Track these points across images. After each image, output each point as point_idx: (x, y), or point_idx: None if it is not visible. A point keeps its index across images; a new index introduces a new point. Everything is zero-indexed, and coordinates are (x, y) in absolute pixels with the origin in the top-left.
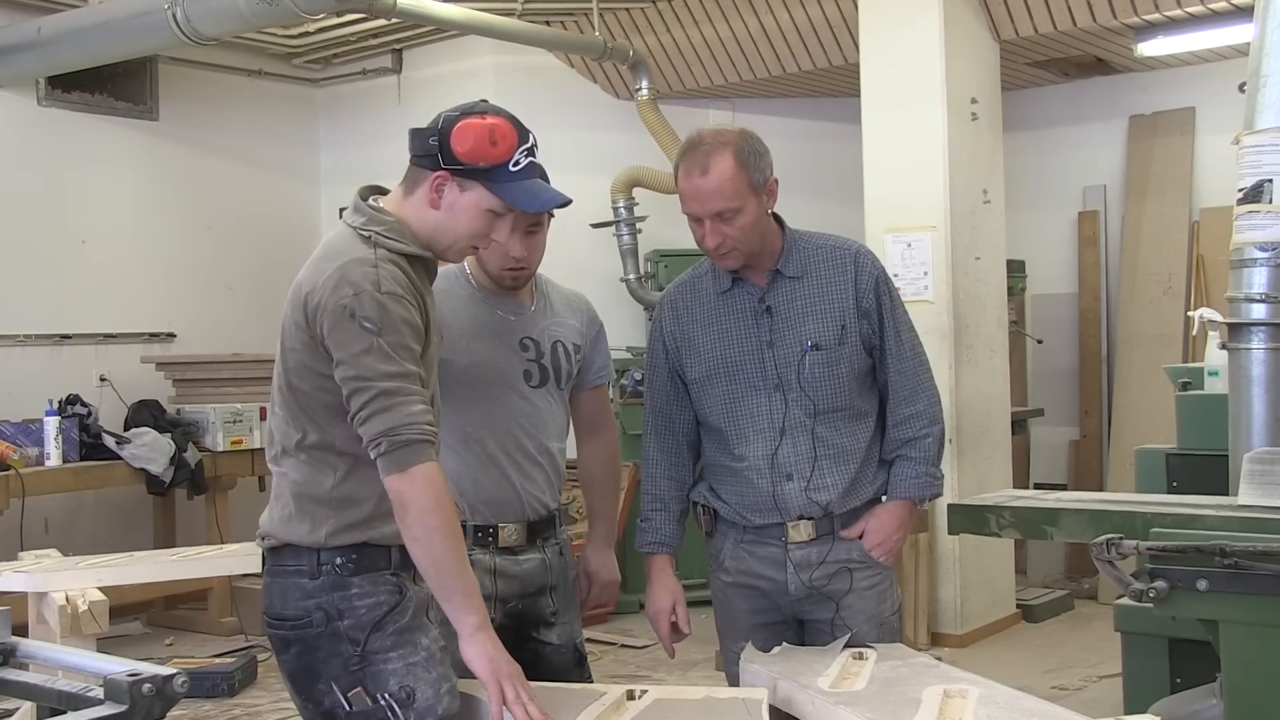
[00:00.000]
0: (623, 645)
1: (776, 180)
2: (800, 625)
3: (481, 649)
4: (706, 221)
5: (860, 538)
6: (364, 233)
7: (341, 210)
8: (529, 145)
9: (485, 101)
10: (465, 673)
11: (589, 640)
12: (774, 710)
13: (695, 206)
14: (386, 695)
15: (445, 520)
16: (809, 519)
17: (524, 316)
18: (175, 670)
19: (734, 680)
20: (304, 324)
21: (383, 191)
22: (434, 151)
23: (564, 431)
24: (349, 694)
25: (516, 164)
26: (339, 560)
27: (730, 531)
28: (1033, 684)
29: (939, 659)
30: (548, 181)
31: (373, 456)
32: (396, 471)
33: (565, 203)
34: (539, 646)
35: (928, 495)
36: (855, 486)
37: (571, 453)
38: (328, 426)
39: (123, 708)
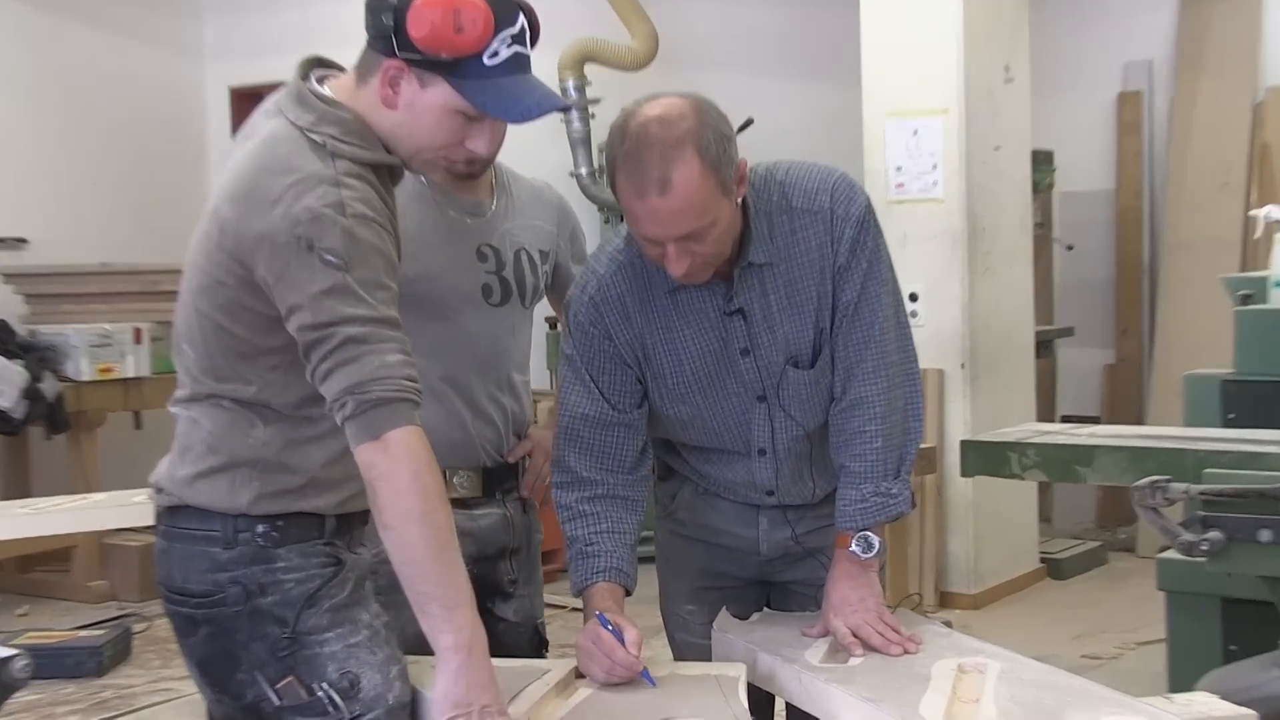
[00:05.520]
0: (574, 609)
1: (745, 161)
2: (766, 587)
3: (449, 684)
4: (670, 245)
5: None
6: (315, 136)
7: (233, 90)
8: (516, 31)
9: None
10: (414, 649)
11: None
12: (752, 689)
13: (655, 230)
14: (325, 685)
15: (425, 504)
16: None
17: (482, 219)
18: (14, 651)
19: (679, 650)
20: (236, 253)
21: (331, 67)
22: (388, 33)
23: (528, 359)
24: (278, 685)
25: (494, 54)
26: (260, 529)
27: (688, 481)
28: (1059, 652)
29: (949, 625)
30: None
31: (339, 421)
32: (368, 439)
33: (561, 107)
34: (493, 623)
35: (876, 522)
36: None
37: (537, 383)
38: (271, 381)
39: None
